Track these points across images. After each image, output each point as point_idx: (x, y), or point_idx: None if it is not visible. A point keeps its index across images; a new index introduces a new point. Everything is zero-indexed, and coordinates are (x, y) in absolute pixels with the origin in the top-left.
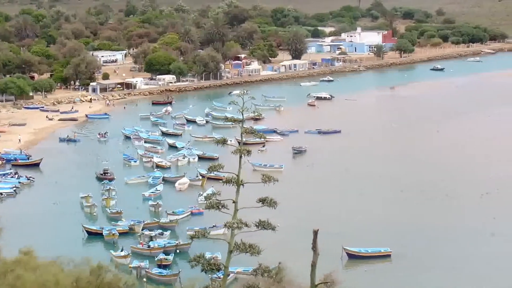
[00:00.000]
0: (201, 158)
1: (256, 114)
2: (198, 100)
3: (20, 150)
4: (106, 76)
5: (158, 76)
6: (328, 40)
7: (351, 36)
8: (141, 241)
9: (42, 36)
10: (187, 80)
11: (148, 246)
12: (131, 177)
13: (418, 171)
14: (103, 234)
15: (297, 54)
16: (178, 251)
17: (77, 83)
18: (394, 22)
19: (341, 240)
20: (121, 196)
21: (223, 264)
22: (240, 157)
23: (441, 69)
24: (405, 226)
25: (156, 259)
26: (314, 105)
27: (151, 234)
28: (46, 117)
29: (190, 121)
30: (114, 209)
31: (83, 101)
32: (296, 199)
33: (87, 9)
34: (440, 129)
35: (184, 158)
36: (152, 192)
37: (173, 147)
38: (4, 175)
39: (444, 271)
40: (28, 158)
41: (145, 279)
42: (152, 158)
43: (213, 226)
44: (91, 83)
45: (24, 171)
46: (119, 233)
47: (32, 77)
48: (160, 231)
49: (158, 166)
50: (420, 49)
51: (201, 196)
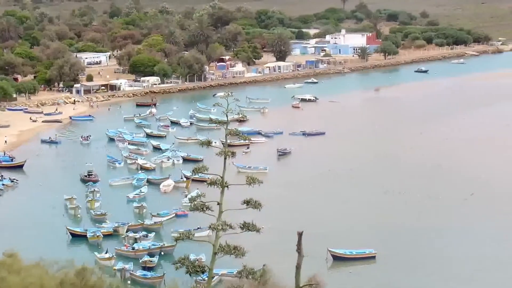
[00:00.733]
0: (186, 160)
1: (241, 116)
2: (183, 102)
3: (4, 152)
4: (90, 78)
5: (142, 78)
6: (313, 42)
7: (336, 38)
8: (126, 243)
9: (26, 38)
10: (172, 82)
11: (133, 248)
12: (116, 179)
13: (402, 173)
14: (87, 236)
15: (282, 56)
16: (163, 253)
17: (61, 85)
18: (379, 24)
19: (326, 242)
20: (106, 198)
21: (208, 266)
22: (225, 159)
23: (425, 71)
24: (390, 228)
25: (141, 261)
26: (299, 107)
27: (136, 236)
28: (30, 119)
29: (174, 123)
30: (99, 211)
31: (67, 103)
32: (281, 201)
33: (71, 11)
34: (424, 131)
35: (169, 160)
36: (137, 194)
37: (158, 149)
38: None
39: (429, 272)
40: (12, 160)
41: (130, 281)
42: (137, 160)
43: (198, 228)
44: (75, 85)
45: (8, 173)
46: (103, 235)
47: (16, 79)
48: (145, 233)
49: (143, 168)
50: (405, 51)
51: (186, 198)
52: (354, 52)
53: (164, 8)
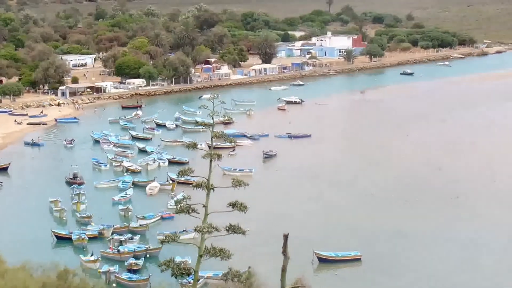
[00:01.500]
0: (171, 162)
1: (226, 118)
2: (168, 104)
3: None
4: (76, 80)
5: (128, 80)
6: (298, 45)
7: (321, 41)
8: (111, 246)
9: (11, 40)
10: (157, 84)
11: (118, 251)
12: (101, 182)
13: (388, 175)
14: (72, 239)
15: (267, 58)
16: (148, 256)
17: (46, 87)
18: (364, 27)
19: (312, 244)
20: (91, 201)
21: (193, 269)
22: (211, 161)
23: (411, 74)
24: (375, 230)
25: (126, 264)
26: (284, 109)
27: (121, 239)
28: (15, 121)
29: (160, 125)
30: (84, 214)
31: (52, 105)
32: (267, 203)
33: (56, 13)
34: (410, 133)
35: (154, 162)
36: (122, 197)
37: (143, 151)
38: None
39: (414, 275)
40: None
41: (115, 284)
42: (122, 162)
43: (184, 231)
44: (60, 87)
45: None
46: (89, 238)
47: (0, 81)
48: (130, 236)
49: (128, 170)
50: (390, 54)
51: (172, 200)
52: (340, 55)
53: (150, 10)
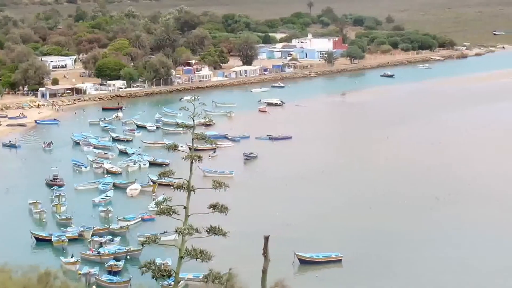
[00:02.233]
0: (152, 164)
1: (207, 120)
2: (149, 106)
3: None
4: (56, 82)
5: (108, 82)
6: (279, 46)
7: (302, 43)
8: (91, 247)
9: None
10: (138, 86)
11: (98, 253)
12: (81, 183)
13: (369, 177)
14: (52, 241)
15: (248, 60)
16: (129, 258)
17: (26, 89)
18: (345, 29)
19: (293, 246)
20: (71, 202)
21: (174, 271)
22: (191, 163)
23: (391, 76)
24: (356, 231)
25: (106, 266)
26: (265, 111)
27: (101, 240)
28: None
29: (141, 127)
30: (64, 215)
31: (32, 107)
32: (247, 205)
33: (36, 14)
34: (390, 135)
35: (135, 164)
36: (103, 198)
37: (124, 153)
38: None
39: (395, 276)
40: None
41: (95, 286)
42: (103, 164)
43: (164, 232)
44: (40, 89)
45: None
46: (69, 239)
47: None
48: (110, 237)
49: (109, 172)
50: (371, 56)
51: (153, 202)
52: (321, 57)
53: (130, 12)
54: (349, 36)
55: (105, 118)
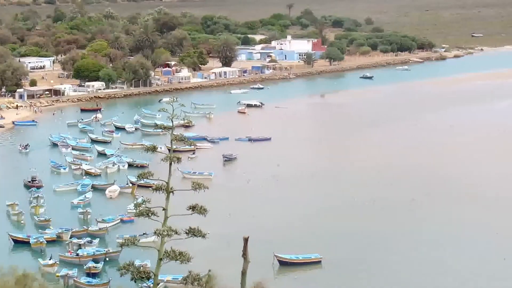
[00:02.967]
0: (131, 166)
1: (186, 122)
2: (128, 107)
3: None
4: (34, 83)
5: (87, 83)
6: (258, 48)
7: (281, 44)
8: (69, 249)
9: None
10: (117, 87)
11: (77, 254)
12: (60, 185)
13: (348, 178)
14: (30, 243)
15: (227, 62)
16: (108, 259)
17: (4, 90)
18: (324, 31)
19: (273, 247)
20: (50, 204)
21: (153, 272)
22: (170, 165)
23: (370, 77)
24: (335, 233)
25: (85, 268)
26: (245, 113)
27: (80, 242)
28: None
29: (119, 128)
30: (42, 217)
31: (10, 108)
32: (227, 207)
33: (14, 15)
34: (369, 137)
35: (114, 166)
36: (81, 200)
37: (103, 154)
38: None
39: (374, 277)
40: None
41: None
42: (81, 166)
43: (143, 234)
44: (18, 90)
45: None
46: (47, 241)
47: None
48: (89, 239)
49: (88, 174)
50: (350, 57)
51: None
52: (300, 58)
53: (109, 13)
54: (328, 38)
55: (82, 119)
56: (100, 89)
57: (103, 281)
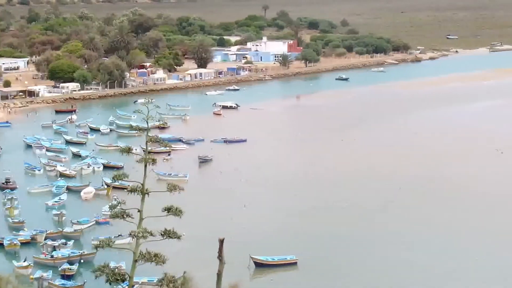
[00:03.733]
0: (106, 167)
1: (162, 123)
2: (103, 109)
3: None
4: (8, 84)
5: (62, 84)
6: (234, 49)
7: (257, 46)
8: (44, 251)
9: None
10: (92, 88)
11: (51, 256)
12: (34, 186)
13: (323, 180)
14: (4, 244)
15: (203, 63)
16: (82, 261)
17: None
18: (300, 32)
19: (248, 249)
20: (24, 206)
21: (128, 274)
22: (145, 166)
23: (346, 79)
24: (311, 234)
25: (60, 269)
26: (220, 114)
27: (54, 244)
28: None
29: (94, 130)
30: (16, 219)
31: None
32: (202, 208)
33: None
34: (344, 138)
35: (89, 167)
36: (56, 201)
37: (77, 156)
38: None
39: (350, 279)
40: None
41: None
42: (56, 167)
43: (119, 236)
44: None
45: None
46: (21, 243)
47: None
48: (64, 241)
49: (62, 175)
50: (325, 59)
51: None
52: (275, 60)
53: (84, 14)
54: (304, 39)
55: (56, 121)
56: (75, 90)
57: (78, 283)
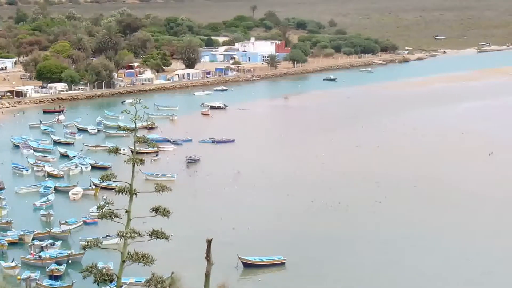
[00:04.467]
0: (94, 167)
1: (149, 123)
2: (91, 109)
3: None
4: None
5: (50, 85)
6: (222, 50)
7: (245, 46)
8: (32, 252)
9: None
10: (79, 89)
11: (39, 257)
12: (22, 187)
13: (312, 180)
14: None
15: (191, 63)
16: (70, 262)
17: None
18: (287, 33)
19: (236, 249)
20: (12, 206)
21: (116, 275)
22: (133, 166)
23: (334, 80)
24: (299, 235)
25: (48, 270)
26: (208, 114)
27: (42, 244)
28: None
29: (82, 130)
30: (4, 219)
31: None
32: (190, 209)
33: None
34: (332, 138)
35: (77, 167)
36: (44, 202)
37: (65, 156)
38: None
39: (338, 279)
40: None
41: None
42: (44, 167)
43: (107, 236)
44: None
45: None
46: (9, 243)
47: None
48: (52, 241)
49: (50, 175)
50: (313, 60)
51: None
52: (263, 60)
53: (72, 14)
54: (292, 40)
55: (42, 121)
56: (63, 91)
57: (66, 284)
